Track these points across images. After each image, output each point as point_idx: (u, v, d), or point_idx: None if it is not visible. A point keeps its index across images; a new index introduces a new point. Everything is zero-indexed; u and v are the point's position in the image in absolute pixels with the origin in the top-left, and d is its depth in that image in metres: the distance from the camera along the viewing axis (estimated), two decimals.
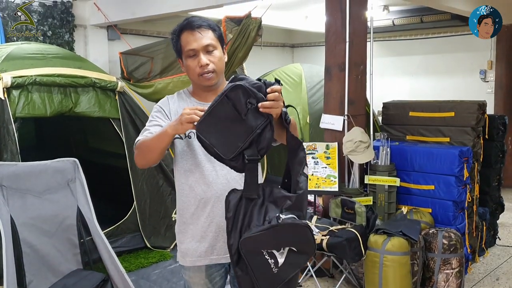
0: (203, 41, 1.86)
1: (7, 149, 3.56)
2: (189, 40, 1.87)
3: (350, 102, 4.01)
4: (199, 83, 1.93)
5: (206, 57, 1.87)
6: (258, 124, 1.57)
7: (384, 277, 3.31)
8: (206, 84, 1.91)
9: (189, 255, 1.95)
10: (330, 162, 4.00)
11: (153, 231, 4.39)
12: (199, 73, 1.88)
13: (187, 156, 1.90)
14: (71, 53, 5.01)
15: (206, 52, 1.87)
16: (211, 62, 1.87)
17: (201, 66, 1.86)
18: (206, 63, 1.86)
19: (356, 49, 4.01)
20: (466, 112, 3.99)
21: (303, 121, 6.06)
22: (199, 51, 1.87)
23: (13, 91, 3.69)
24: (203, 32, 1.87)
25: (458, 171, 3.77)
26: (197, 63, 1.87)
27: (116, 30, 6.63)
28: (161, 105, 1.98)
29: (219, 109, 1.58)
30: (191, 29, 1.87)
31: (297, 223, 1.58)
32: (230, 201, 1.64)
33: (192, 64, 1.89)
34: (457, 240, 3.58)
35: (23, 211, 3.11)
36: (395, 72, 8.27)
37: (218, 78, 1.92)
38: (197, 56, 1.87)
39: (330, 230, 3.51)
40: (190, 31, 1.87)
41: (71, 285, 2.99)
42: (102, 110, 4.18)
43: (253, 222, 1.60)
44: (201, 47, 1.87)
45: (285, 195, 1.64)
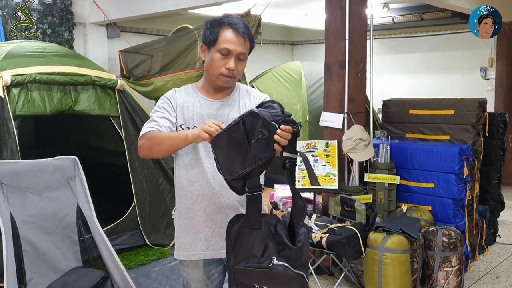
0: (241, 48, 1.89)
1: (7, 147, 3.56)
2: (230, 40, 1.87)
3: (350, 100, 4.01)
4: (214, 81, 1.93)
5: (235, 62, 1.89)
6: (262, 156, 1.59)
7: (384, 275, 3.31)
8: (221, 85, 1.93)
9: (184, 249, 1.97)
10: (330, 160, 4.00)
11: (153, 228, 4.39)
12: (222, 73, 1.89)
13: (189, 151, 1.91)
14: (71, 51, 5.01)
15: (238, 58, 1.89)
16: (236, 69, 1.90)
17: (228, 69, 1.88)
18: (233, 68, 1.88)
19: (356, 47, 4.01)
20: (466, 109, 3.98)
21: (303, 119, 6.06)
22: (233, 54, 1.88)
23: (13, 89, 3.69)
24: (246, 40, 1.89)
25: (458, 169, 3.77)
26: (225, 63, 1.88)
27: (115, 28, 6.63)
28: (168, 97, 1.98)
29: (233, 130, 1.60)
30: (237, 30, 1.88)
31: (288, 273, 1.60)
32: (233, 225, 1.70)
33: (219, 62, 1.88)
34: (457, 238, 3.59)
35: (23, 209, 3.11)
36: (395, 69, 8.26)
37: (233, 83, 1.97)
38: (229, 57, 1.88)
39: (329, 228, 3.51)
40: (235, 31, 1.88)
41: (71, 283, 2.99)
42: (101, 108, 4.18)
43: (253, 252, 1.65)
44: (238, 52, 1.88)
45: (284, 242, 1.65)
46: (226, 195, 1.89)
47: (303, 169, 4.02)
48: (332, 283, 3.73)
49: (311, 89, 6.26)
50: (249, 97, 2.01)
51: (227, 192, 1.84)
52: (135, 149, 4.36)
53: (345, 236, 3.35)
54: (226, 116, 1.94)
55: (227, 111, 1.95)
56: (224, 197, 1.90)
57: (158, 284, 3.72)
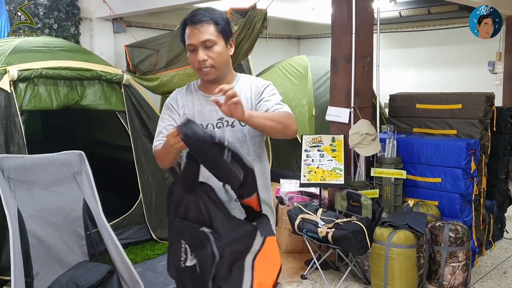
0: (201, 37, 1.87)
1: (14, 141, 3.58)
2: (189, 35, 1.90)
3: (357, 94, 3.99)
4: (200, 77, 1.98)
5: (204, 52, 1.88)
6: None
7: (390, 270, 3.31)
8: (205, 79, 1.96)
9: None
10: (336, 154, 3.98)
11: (159, 223, 4.40)
12: (197, 67, 1.92)
13: None
14: (77, 46, 5.01)
15: (204, 47, 1.89)
16: (209, 57, 1.89)
17: (199, 62, 1.89)
18: (203, 59, 1.88)
19: (362, 41, 3.99)
20: (474, 104, 3.95)
21: (309, 114, 6.04)
22: (197, 46, 1.88)
23: (19, 84, 3.70)
24: (202, 27, 1.87)
25: (465, 164, 3.75)
26: (196, 58, 1.89)
27: (121, 22, 6.62)
28: (170, 101, 2.03)
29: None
30: (191, 23, 1.89)
31: (205, 244, 1.69)
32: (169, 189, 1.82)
33: (192, 59, 1.93)
34: (463, 233, 3.57)
35: (30, 203, 3.12)
36: (402, 64, 8.21)
37: (218, 72, 1.94)
38: (196, 51, 1.89)
39: (335, 223, 3.51)
40: (190, 25, 1.90)
41: (77, 277, 3.01)
42: (108, 103, 4.18)
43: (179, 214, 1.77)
44: (199, 42, 1.88)
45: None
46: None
47: (308, 164, 4.01)
48: (338, 278, 3.73)
49: (317, 83, 6.23)
50: (250, 88, 2.00)
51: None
52: (141, 143, 4.37)
53: (351, 231, 3.34)
54: None
55: None
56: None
57: (164, 278, 3.73)
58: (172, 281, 3.68)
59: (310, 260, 3.88)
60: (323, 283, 3.66)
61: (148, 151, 4.41)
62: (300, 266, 3.99)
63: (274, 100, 1.94)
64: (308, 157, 4.05)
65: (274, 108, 1.90)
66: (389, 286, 3.33)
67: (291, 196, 4.33)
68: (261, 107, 1.93)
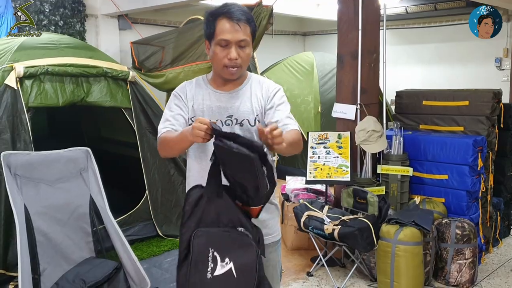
0: (239, 35, 1.83)
1: (20, 138, 3.59)
2: (225, 30, 1.82)
3: (363, 91, 3.98)
4: (221, 74, 1.91)
5: (237, 51, 1.84)
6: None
7: (396, 267, 3.30)
8: (227, 77, 1.91)
9: None
10: (342, 151, 3.97)
11: (165, 219, 4.41)
12: (226, 64, 1.85)
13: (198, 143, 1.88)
14: (83, 43, 5.02)
15: (238, 46, 1.84)
16: (240, 57, 1.85)
17: (230, 59, 1.84)
18: (235, 57, 1.84)
19: (368, 37, 3.97)
20: (481, 100, 3.93)
21: (315, 111, 6.02)
22: (232, 43, 1.83)
23: (25, 81, 3.71)
24: (242, 25, 1.83)
25: (472, 161, 3.73)
26: (226, 54, 1.84)
27: (127, 19, 6.63)
28: (178, 92, 1.98)
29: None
30: (230, 19, 1.82)
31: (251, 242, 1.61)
32: (191, 195, 1.71)
33: (220, 54, 1.85)
34: (470, 230, 3.55)
35: (36, 200, 3.14)
36: (408, 60, 8.18)
37: (241, 72, 1.92)
38: (229, 48, 1.84)
39: (341, 220, 3.50)
40: (229, 20, 1.82)
41: (84, 273, 3.02)
42: (113, 100, 4.19)
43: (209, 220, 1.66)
44: (236, 40, 1.83)
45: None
46: None
47: (314, 161, 4.00)
48: (344, 275, 3.72)
49: (323, 80, 6.22)
50: (261, 89, 1.97)
51: None
52: (147, 140, 4.38)
53: (357, 228, 3.33)
54: (236, 108, 1.91)
55: (238, 103, 1.92)
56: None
57: (170, 275, 3.74)
58: None
59: (316, 257, 3.87)
60: (329, 280, 3.66)
61: (154, 148, 4.41)
62: (306, 263, 3.99)
63: (284, 112, 1.91)
64: (314, 154, 4.04)
65: (285, 122, 1.87)
66: (395, 283, 3.32)
67: (297, 193, 4.33)
68: (273, 116, 1.90)
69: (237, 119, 1.90)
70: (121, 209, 4.14)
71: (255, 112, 1.92)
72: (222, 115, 1.91)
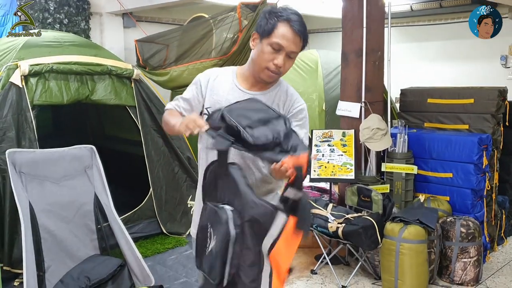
0: (294, 47, 1.81)
1: (25, 136, 3.60)
2: (285, 35, 1.79)
3: (367, 89, 3.97)
4: (258, 73, 1.87)
5: (284, 59, 1.82)
6: None
7: (401, 265, 3.29)
8: (264, 79, 1.87)
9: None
10: (347, 149, 3.97)
11: (169, 217, 4.42)
12: (269, 67, 1.83)
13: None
14: (87, 41, 5.03)
15: (287, 55, 1.83)
16: (284, 66, 1.83)
17: (276, 65, 1.81)
18: (281, 65, 1.82)
19: (373, 35, 3.95)
20: (486, 98, 3.91)
21: (319, 108, 6.01)
22: (284, 51, 1.81)
23: (30, 78, 3.72)
24: (300, 39, 1.82)
25: (477, 159, 3.71)
26: (274, 58, 1.81)
27: (131, 17, 6.63)
28: (200, 78, 1.97)
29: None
30: (293, 27, 1.79)
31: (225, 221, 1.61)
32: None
33: (268, 55, 1.81)
34: (475, 228, 3.54)
35: (41, 197, 3.15)
36: (413, 58, 8.14)
37: (277, 80, 1.91)
38: (280, 53, 1.81)
39: (346, 218, 3.49)
40: (291, 28, 1.79)
41: (88, 270, 3.04)
42: (118, 98, 4.19)
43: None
44: (290, 50, 1.81)
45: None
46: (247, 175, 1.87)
47: (319, 159, 4.00)
48: (348, 273, 3.72)
49: (327, 78, 6.19)
50: (286, 97, 1.94)
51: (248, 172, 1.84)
52: (151, 138, 4.38)
53: (361, 226, 3.33)
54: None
55: None
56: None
57: (174, 272, 3.75)
58: (182, 274, 3.70)
59: (320, 255, 3.87)
60: (333, 278, 3.66)
61: (158, 145, 4.42)
62: (310, 261, 3.99)
63: (302, 134, 1.89)
64: (318, 152, 4.04)
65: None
66: (400, 281, 3.31)
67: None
68: None
69: None
70: (126, 207, 4.16)
71: None
72: None
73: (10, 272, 3.41)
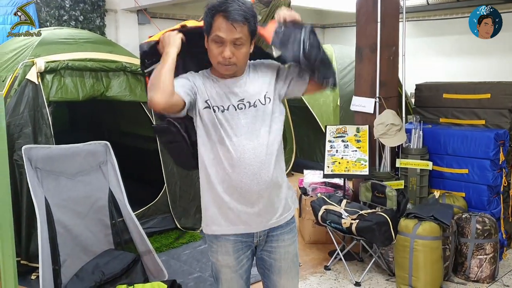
0: (234, 35, 1.79)
1: (42, 132, 3.65)
2: (220, 27, 1.79)
3: (382, 84, 3.93)
4: (218, 70, 1.90)
5: (232, 49, 1.81)
6: None
7: (415, 261, 3.27)
8: (222, 72, 1.89)
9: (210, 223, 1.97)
10: (361, 145, 3.94)
11: (183, 212, 4.44)
12: (219, 62, 1.84)
13: (216, 128, 1.87)
14: (102, 38, 5.06)
15: (233, 44, 1.81)
16: (234, 56, 1.82)
17: (224, 57, 1.81)
18: (229, 56, 1.81)
19: (388, 30, 3.92)
20: (503, 93, 3.85)
21: (334, 104, 5.99)
22: (227, 42, 1.80)
23: (46, 75, 3.76)
24: (237, 25, 1.79)
25: (494, 155, 3.67)
26: (221, 52, 1.81)
27: (146, 14, 6.66)
28: (192, 72, 1.97)
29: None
30: (226, 18, 1.78)
31: None
32: None
33: (215, 51, 1.83)
34: (491, 225, 3.50)
35: (56, 192, 3.19)
36: (428, 53, 8.04)
37: (237, 69, 1.89)
38: (223, 45, 1.81)
39: (359, 214, 3.48)
40: (224, 19, 1.78)
41: (103, 265, 3.07)
42: (133, 94, 4.22)
43: None
44: (230, 39, 1.80)
45: None
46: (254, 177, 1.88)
47: (332, 155, 3.98)
48: (362, 270, 3.70)
49: (342, 73, 6.16)
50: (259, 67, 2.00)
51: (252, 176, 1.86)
52: None
53: (375, 222, 3.31)
54: (245, 91, 1.90)
55: (245, 86, 1.91)
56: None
57: (188, 267, 3.77)
58: (196, 269, 3.72)
59: (333, 251, 3.86)
60: (346, 274, 3.65)
61: None
62: (324, 257, 3.98)
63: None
64: (332, 147, 4.02)
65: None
66: (414, 278, 3.29)
67: (315, 187, 4.31)
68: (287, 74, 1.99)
69: (249, 102, 1.89)
70: (140, 202, 4.19)
71: (264, 90, 1.92)
72: (231, 100, 1.89)
73: (27, 266, 3.47)
